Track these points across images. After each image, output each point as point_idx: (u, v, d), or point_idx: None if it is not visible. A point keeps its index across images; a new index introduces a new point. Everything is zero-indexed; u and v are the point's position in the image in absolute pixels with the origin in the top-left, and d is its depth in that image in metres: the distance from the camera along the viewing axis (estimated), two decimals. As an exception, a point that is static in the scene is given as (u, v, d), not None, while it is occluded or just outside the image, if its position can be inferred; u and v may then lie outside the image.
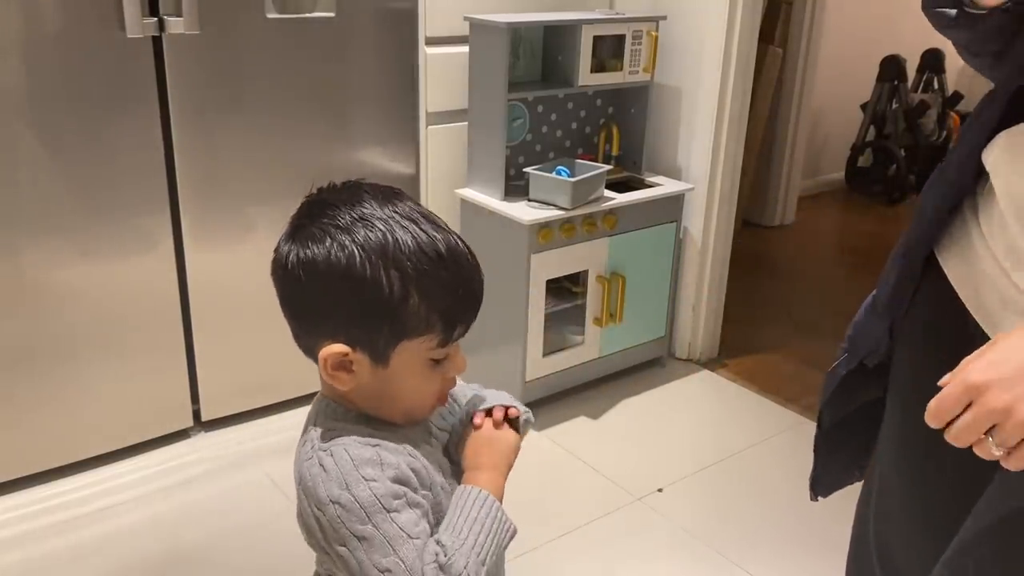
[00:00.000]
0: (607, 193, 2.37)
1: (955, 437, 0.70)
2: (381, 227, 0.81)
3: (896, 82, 4.47)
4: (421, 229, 0.82)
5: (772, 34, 3.75)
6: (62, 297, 1.97)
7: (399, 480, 0.82)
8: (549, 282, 2.33)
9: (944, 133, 4.68)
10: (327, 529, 0.81)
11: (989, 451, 0.69)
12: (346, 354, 0.83)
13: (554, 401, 2.47)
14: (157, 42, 1.94)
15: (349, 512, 0.80)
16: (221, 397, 2.28)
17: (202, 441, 2.25)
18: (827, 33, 4.01)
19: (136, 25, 1.87)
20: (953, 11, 0.87)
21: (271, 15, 2.06)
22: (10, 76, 1.79)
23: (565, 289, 2.47)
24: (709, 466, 2.23)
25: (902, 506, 1.06)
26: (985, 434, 0.68)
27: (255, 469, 2.15)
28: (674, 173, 2.63)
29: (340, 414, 0.89)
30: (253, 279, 2.23)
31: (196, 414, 2.26)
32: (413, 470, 0.85)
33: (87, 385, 2.05)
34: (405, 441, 0.88)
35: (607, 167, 2.39)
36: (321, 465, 0.83)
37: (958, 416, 0.69)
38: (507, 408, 0.98)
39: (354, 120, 2.27)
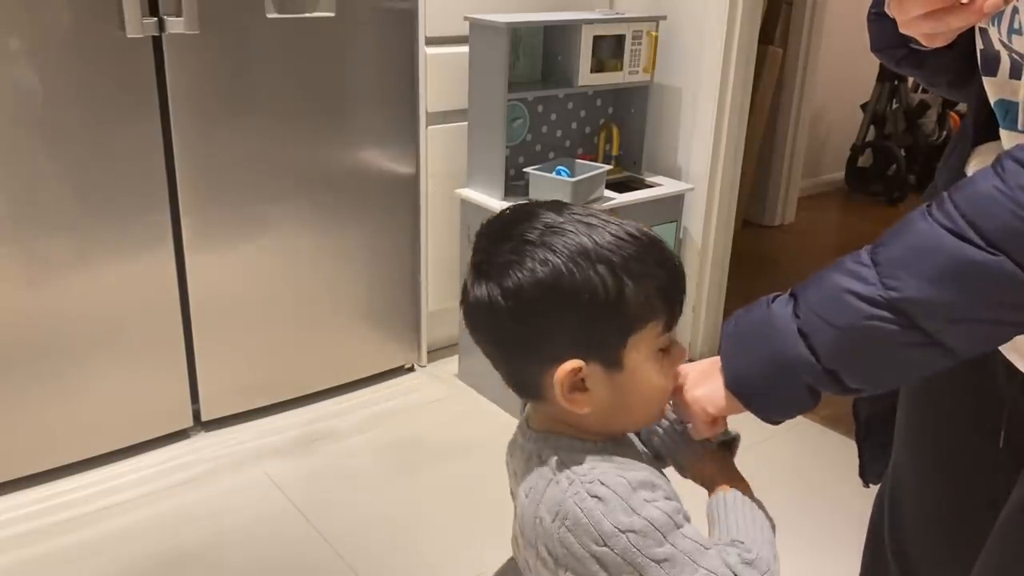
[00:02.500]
0: (607, 193, 2.37)
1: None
2: (571, 228, 0.79)
3: (896, 82, 4.47)
4: (606, 220, 0.81)
5: (772, 34, 3.75)
6: (62, 297, 1.97)
7: (670, 498, 0.79)
8: (549, 282, 2.33)
9: (944, 133, 4.68)
10: (615, 564, 0.75)
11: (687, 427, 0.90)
12: (580, 368, 0.78)
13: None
14: (157, 42, 1.94)
15: (645, 537, 0.74)
16: (221, 397, 2.28)
17: (202, 441, 2.25)
18: (827, 33, 4.01)
19: (136, 25, 1.87)
20: (902, 51, 0.92)
21: (271, 15, 2.06)
22: (10, 76, 1.79)
23: (565, 289, 2.47)
24: (709, 466, 2.23)
25: (915, 503, 1.06)
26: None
27: (255, 469, 2.15)
28: (674, 173, 2.63)
29: (578, 445, 0.83)
30: (253, 279, 2.23)
31: (196, 414, 2.26)
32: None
33: (87, 385, 2.05)
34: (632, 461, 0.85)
35: (607, 167, 2.39)
36: (596, 496, 0.76)
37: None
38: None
39: (354, 120, 2.27)
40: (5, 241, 1.87)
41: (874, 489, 1.20)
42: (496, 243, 0.80)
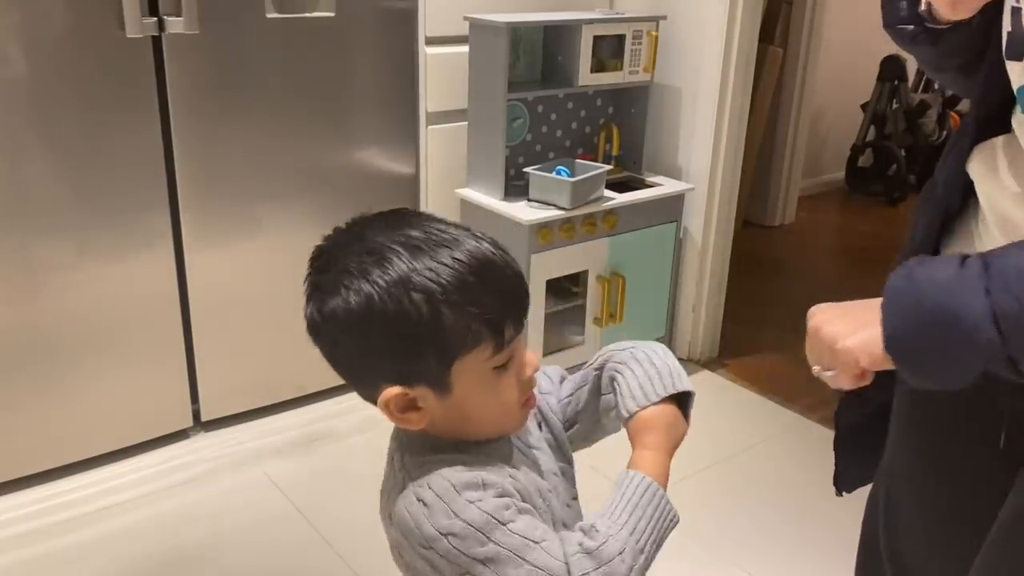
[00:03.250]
0: (607, 193, 2.37)
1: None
2: (391, 256, 0.77)
3: (896, 82, 4.47)
4: (433, 242, 0.78)
5: (772, 34, 3.75)
6: (62, 296, 1.97)
7: (502, 495, 0.78)
8: (549, 282, 2.33)
9: (944, 133, 4.67)
10: (443, 566, 0.76)
11: (819, 373, 0.86)
12: (405, 394, 0.80)
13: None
14: (157, 42, 1.94)
15: (464, 539, 0.75)
16: (221, 397, 2.28)
17: (202, 441, 2.25)
18: (827, 33, 4.01)
19: (136, 25, 1.87)
20: (912, 27, 0.88)
21: (271, 15, 2.06)
22: (10, 75, 1.79)
23: (565, 289, 2.47)
24: (709, 466, 2.23)
25: (911, 504, 1.06)
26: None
27: (255, 469, 2.15)
28: (674, 173, 2.63)
29: (429, 445, 0.83)
30: (253, 279, 2.23)
31: (196, 414, 2.26)
32: (516, 490, 0.80)
33: (87, 385, 2.05)
34: (503, 463, 0.84)
35: (607, 167, 2.39)
36: (421, 500, 0.77)
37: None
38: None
39: (354, 120, 2.26)
40: (4, 241, 1.87)
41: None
42: (323, 268, 0.82)
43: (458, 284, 0.76)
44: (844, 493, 1.19)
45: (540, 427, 0.95)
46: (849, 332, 0.80)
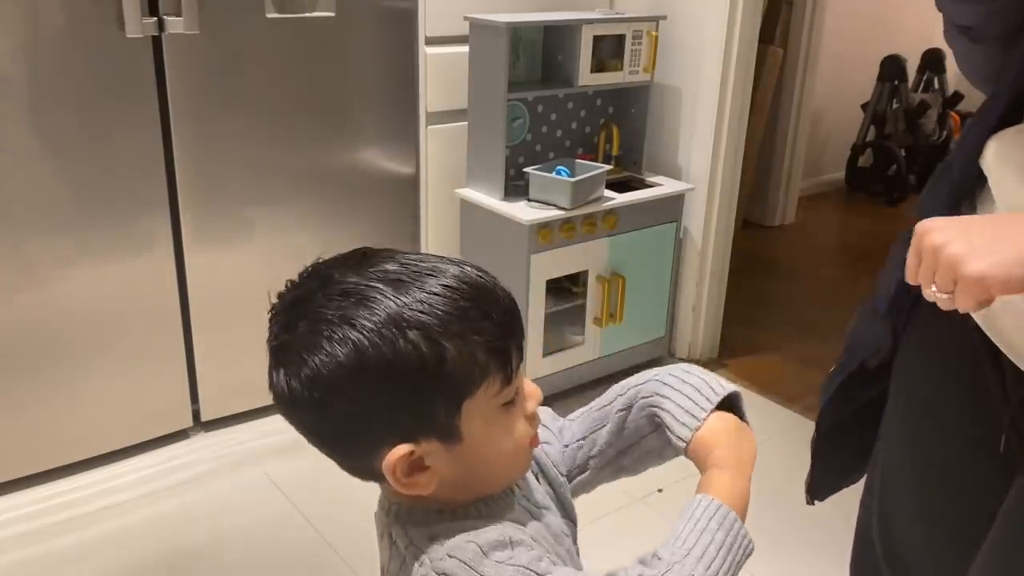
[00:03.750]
0: (607, 193, 2.37)
1: (911, 277, 0.75)
2: (374, 295, 0.67)
3: (896, 82, 4.47)
4: (414, 273, 0.69)
5: (772, 34, 3.75)
6: (62, 296, 1.97)
7: (531, 547, 0.70)
8: (549, 282, 2.33)
9: (944, 133, 4.68)
10: None
11: (934, 295, 0.73)
12: (411, 453, 0.69)
13: (554, 401, 2.45)
14: (157, 42, 1.94)
15: None
16: (221, 397, 2.28)
17: (202, 441, 2.25)
18: (827, 33, 4.01)
19: (136, 25, 1.87)
20: None
21: (271, 15, 2.06)
22: (10, 75, 1.79)
23: (565, 289, 2.47)
24: (709, 466, 2.23)
25: (908, 505, 1.06)
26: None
27: (255, 469, 2.15)
28: (674, 173, 2.63)
29: (433, 517, 0.73)
30: (253, 279, 2.23)
31: (196, 414, 2.26)
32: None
33: (87, 385, 2.05)
34: (515, 520, 0.75)
35: (607, 167, 2.39)
36: (445, 573, 0.68)
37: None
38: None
39: (354, 120, 2.26)
40: (4, 241, 1.87)
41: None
42: (291, 323, 0.70)
43: (455, 313, 0.67)
44: (816, 502, 1.18)
45: (538, 480, 0.85)
46: (981, 253, 0.68)
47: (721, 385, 0.82)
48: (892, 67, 4.44)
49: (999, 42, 0.87)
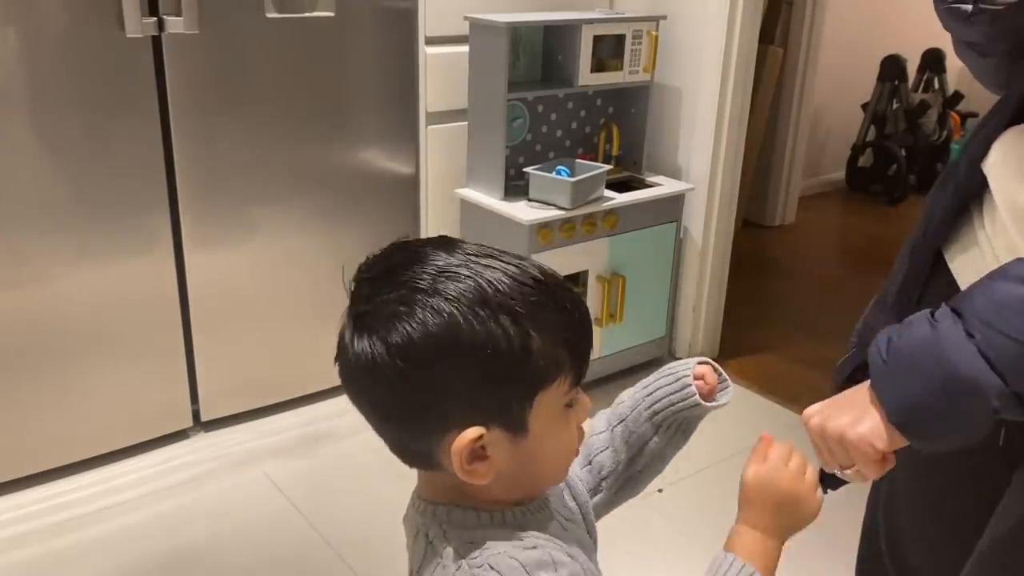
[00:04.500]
0: (607, 193, 2.37)
1: (825, 465, 0.85)
2: (466, 272, 0.67)
3: (896, 82, 4.47)
4: (505, 262, 0.69)
5: (772, 34, 3.75)
6: (62, 297, 1.97)
7: (576, 574, 0.70)
8: (549, 282, 2.33)
9: (944, 133, 4.68)
10: None
11: (842, 475, 0.84)
12: (481, 436, 0.68)
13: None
14: (157, 42, 1.94)
15: None
16: (221, 397, 2.28)
17: (202, 441, 2.25)
18: (827, 33, 4.01)
19: (136, 25, 1.87)
20: (969, 7, 0.85)
21: (271, 15, 2.06)
22: (10, 76, 1.79)
23: (565, 289, 2.47)
24: (709, 466, 2.23)
25: (911, 501, 1.06)
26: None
27: (255, 469, 2.15)
28: (674, 173, 2.63)
29: (472, 519, 0.73)
30: (253, 279, 2.23)
31: (196, 414, 2.26)
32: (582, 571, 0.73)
33: (87, 385, 2.05)
34: (543, 530, 0.75)
35: (607, 167, 2.39)
36: None
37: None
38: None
39: (354, 120, 2.26)
40: (4, 241, 1.87)
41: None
42: (380, 290, 0.68)
43: (542, 304, 0.68)
44: (829, 491, 1.18)
45: (567, 497, 0.86)
46: (854, 421, 0.79)
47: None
48: (892, 67, 4.44)
49: (1006, 56, 0.88)
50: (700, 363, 0.88)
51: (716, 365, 0.90)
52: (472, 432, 0.68)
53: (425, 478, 0.76)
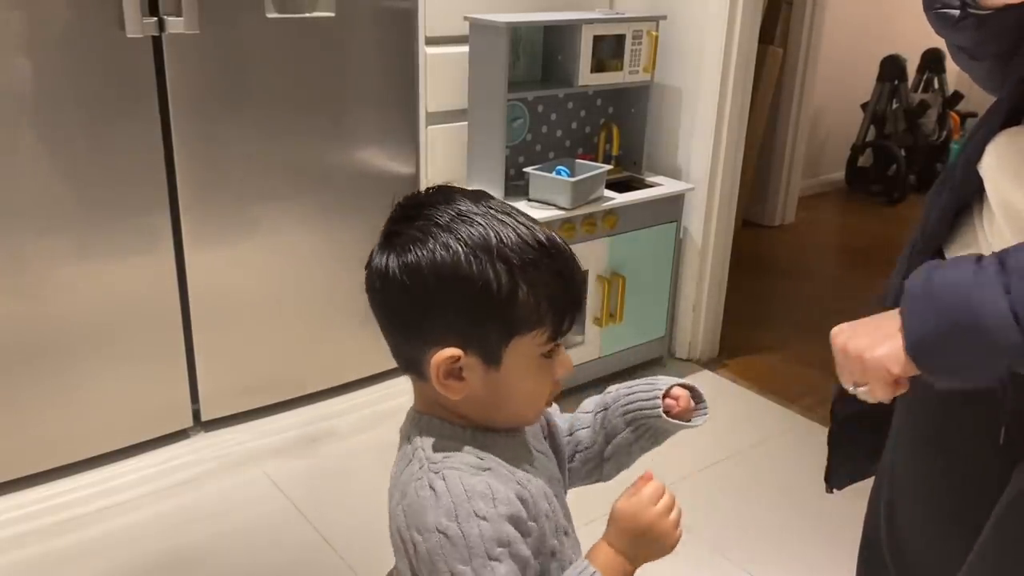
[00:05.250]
0: (607, 193, 2.37)
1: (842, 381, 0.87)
2: (481, 222, 0.79)
3: (896, 82, 4.48)
4: (518, 221, 0.81)
5: (772, 34, 3.75)
6: (62, 297, 1.97)
7: (512, 519, 0.79)
8: (549, 282, 2.33)
9: (944, 133, 4.68)
10: (423, 556, 0.78)
11: (855, 391, 0.86)
12: (458, 358, 0.80)
13: (554, 401, 2.47)
14: (157, 42, 1.94)
15: (453, 547, 0.76)
16: (221, 397, 2.28)
17: (202, 441, 2.25)
18: (827, 33, 4.01)
19: (136, 25, 1.87)
20: (957, 11, 0.86)
21: (271, 15, 2.06)
22: (10, 75, 1.79)
23: (565, 289, 2.47)
24: (709, 466, 2.23)
25: (912, 499, 1.06)
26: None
27: (255, 469, 2.15)
28: (674, 173, 2.63)
29: (447, 430, 0.85)
30: (253, 279, 2.23)
31: (196, 414, 2.26)
32: (521, 500, 0.81)
33: (87, 385, 2.05)
34: (512, 459, 0.85)
35: (607, 167, 2.39)
36: (432, 488, 0.79)
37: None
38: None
39: (354, 120, 2.27)
40: (4, 241, 1.87)
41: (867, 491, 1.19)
42: (408, 218, 0.82)
43: (537, 263, 0.79)
44: (835, 490, 1.19)
45: (544, 437, 0.96)
46: (875, 343, 0.81)
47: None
48: (892, 67, 4.44)
49: (998, 59, 0.89)
50: (682, 385, 0.96)
51: (699, 392, 0.97)
52: (451, 351, 0.79)
53: (416, 391, 0.88)
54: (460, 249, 0.78)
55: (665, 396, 0.94)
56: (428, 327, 0.81)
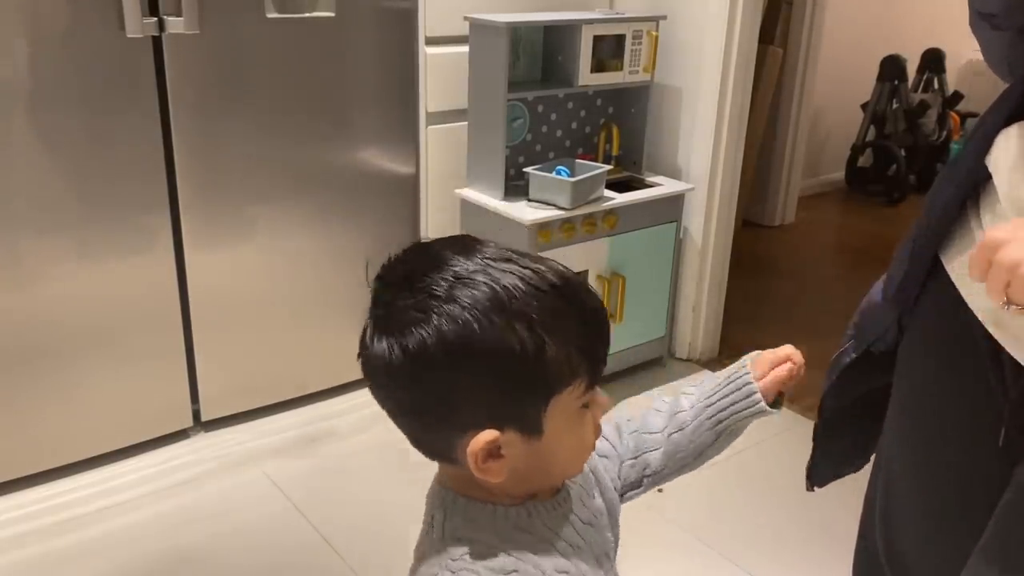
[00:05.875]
0: (607, 193, 2.37)
1: (987, 291, 0.73)
2: (483, 279, 0.68)
3: (896, 82, 4.48)
4: (522, 267, 0.71)
5: (772, 34, 3.75)
6: (62, 297, 1.97)
7: None
8: (549, 282, 2.33)
9: (944, 133, 4.68)
10: None
11: (1006, 309, 0.73)
12: (495, 439, 0.70)
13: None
14: (157, 42, 1.94)
15: None
16: (221, 397, 2.28)
17: (202, 441, 2.25)
18: (827, 33, 4.01)
19: (136, 25, 1.87)
20: None
21: (271, 15, 2.06)
22: (10, 75, 1.79)
23: (565, 289, 2.47)
24: (709, 466, 2.23)
25: (908, 500, 1.06)
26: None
27: (255, 469, 2.15)
28: (674, 173, 2.63)
29: (477, 512, 0.75)
30: (253, 279, 2.23)
31: (196, 414, 2.26)
32: None
33: (87, 385, 2.05)
34: (552, 539, 0.77)
35: (607, 167, 2.39)
36: None
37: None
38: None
39: (354, 120, 2.27)
40: (4, 241, 1.87)
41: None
42: (398, 295, 0.70)
43: (558, 311, 0.70)
44: (816, 488, 1.18)
45: (593, 495, 0.86)
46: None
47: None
48: (892, 67, 4.44)
49: (1021, 34, 0.86)
50: (769, 354, 0.90)
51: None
52: (487, 435, 0.70)
53: (445, 470, 0.79)
54: (469, 317, 0.67)
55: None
56: (452, 415, 0.71)
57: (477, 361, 0.68)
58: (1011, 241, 0.71)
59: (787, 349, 0.88)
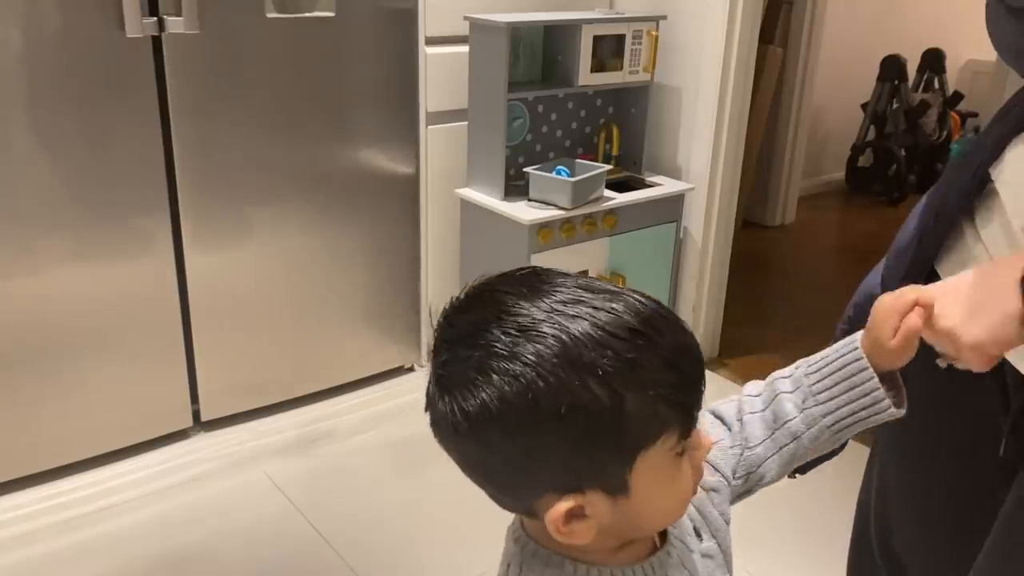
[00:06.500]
0: (607, 193, 2.37)
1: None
2: (549, 329, 0.61)
3: (896, 82, 4.48)
4: (597, 308, 0.63)
5: (772, 34, 3.75)
6: (62, 297, 1.97)
7: None
8: (549, 282, 2.33)
9: (944, 133, 4.68)
10: None
11: (945, 362, 0.79)
12: (576, 506, 0.64)
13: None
14: (157, 42, 1.94)
15: None
16: (221, 397, 2.28)
17: (202, 441, 2.25)
18: (827, 33, 4.01)
19: (136, 25, 1.87)
20: None
21: (271, 15, 2.06)
22: (9, 75, 1.79)
23: (565, 289, 2.47)
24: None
25: (903, 497, 1.06)
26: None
27: (255, 469, 2.15)
28: (674, 173, 2.63)
29: (555, 564, 0.69)
30: (253, 279, 2.23)
31: (196, 414, 2.26)
32: None
33: (87, 385, 2.05)
34: None
35: (607, 167, 2.39)
36: None
37: None
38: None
39: (354, 120, 2.27)
40: (4, 241, 1.87)
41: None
42: (457, 351, 0.64)
43: (637, 362, 0.62)
44: (797, 475, 1.18)
45: (699, 536, 0.79)
46: (971, 323, 0.72)
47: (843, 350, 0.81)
48: (892, 67, 4.44)
49: None
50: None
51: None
52: (566, 503, 0.63)
53: (524, 525, 0.73)
54: (534, 376, 0.60)
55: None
56: (525, 478, 0.65)
57: (546, 424, 0.61)
58: (949, 316, 0.74)
59: (912, 293, 0.75)
